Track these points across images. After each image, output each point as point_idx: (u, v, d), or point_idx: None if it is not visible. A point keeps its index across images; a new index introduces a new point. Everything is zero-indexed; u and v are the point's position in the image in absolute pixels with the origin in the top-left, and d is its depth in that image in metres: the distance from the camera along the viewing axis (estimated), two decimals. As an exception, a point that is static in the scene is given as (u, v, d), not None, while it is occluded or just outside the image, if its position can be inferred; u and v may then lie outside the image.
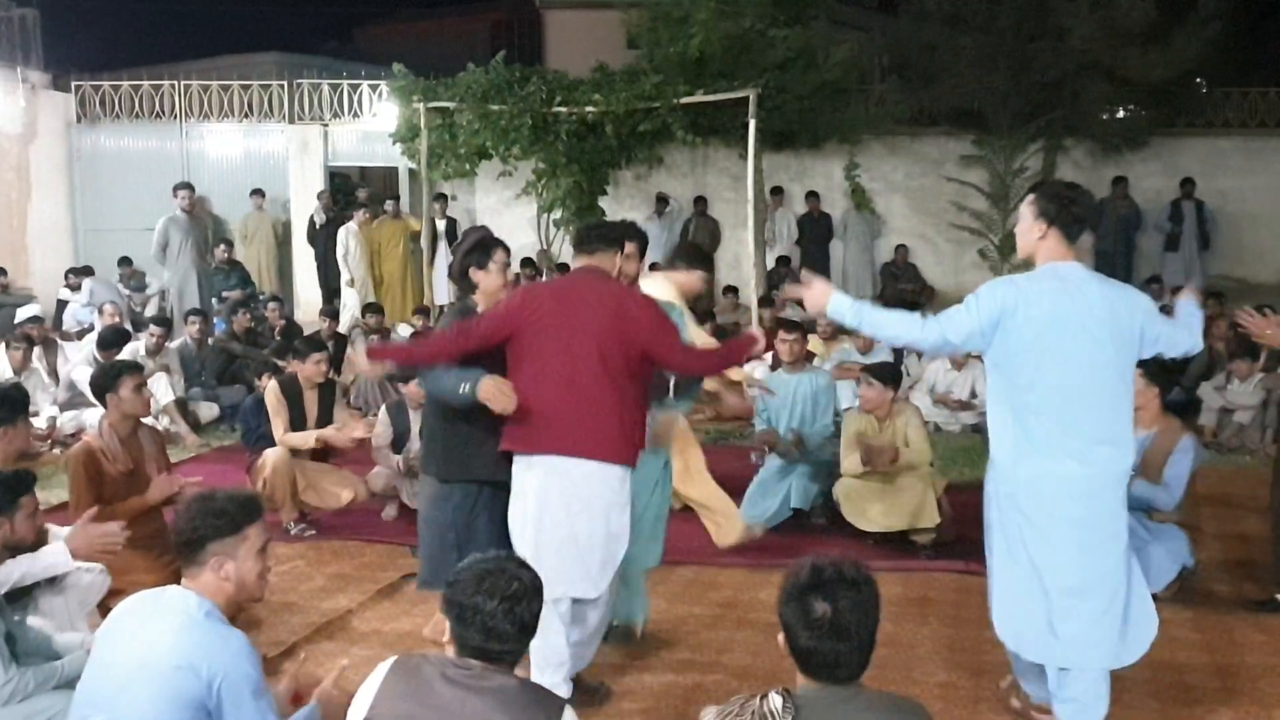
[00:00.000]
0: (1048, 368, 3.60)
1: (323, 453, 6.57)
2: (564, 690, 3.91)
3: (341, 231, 13.44)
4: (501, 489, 4.17)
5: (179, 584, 2.96)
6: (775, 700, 2.38)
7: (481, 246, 4.49)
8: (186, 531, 2.87)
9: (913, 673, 4.57)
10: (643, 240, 4.62)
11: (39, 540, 4.02)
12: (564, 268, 14.20)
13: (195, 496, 2.97)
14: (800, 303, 4.27)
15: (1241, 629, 5.04)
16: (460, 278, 4.54)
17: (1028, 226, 3.75)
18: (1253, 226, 14.21)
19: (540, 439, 3.98)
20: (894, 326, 3.84)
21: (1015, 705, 4.14)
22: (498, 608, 2.51)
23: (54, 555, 3.89)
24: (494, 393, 3.92)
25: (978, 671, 4.56)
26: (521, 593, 2.54)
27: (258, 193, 14.53)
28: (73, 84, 15.68)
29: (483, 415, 4.05)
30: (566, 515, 3.97)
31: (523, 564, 2.65)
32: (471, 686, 2.49)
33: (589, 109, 12.80)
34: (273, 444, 6.38)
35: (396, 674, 2.57)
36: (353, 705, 2.59)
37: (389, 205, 14.06)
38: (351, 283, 13.32)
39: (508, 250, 4.59)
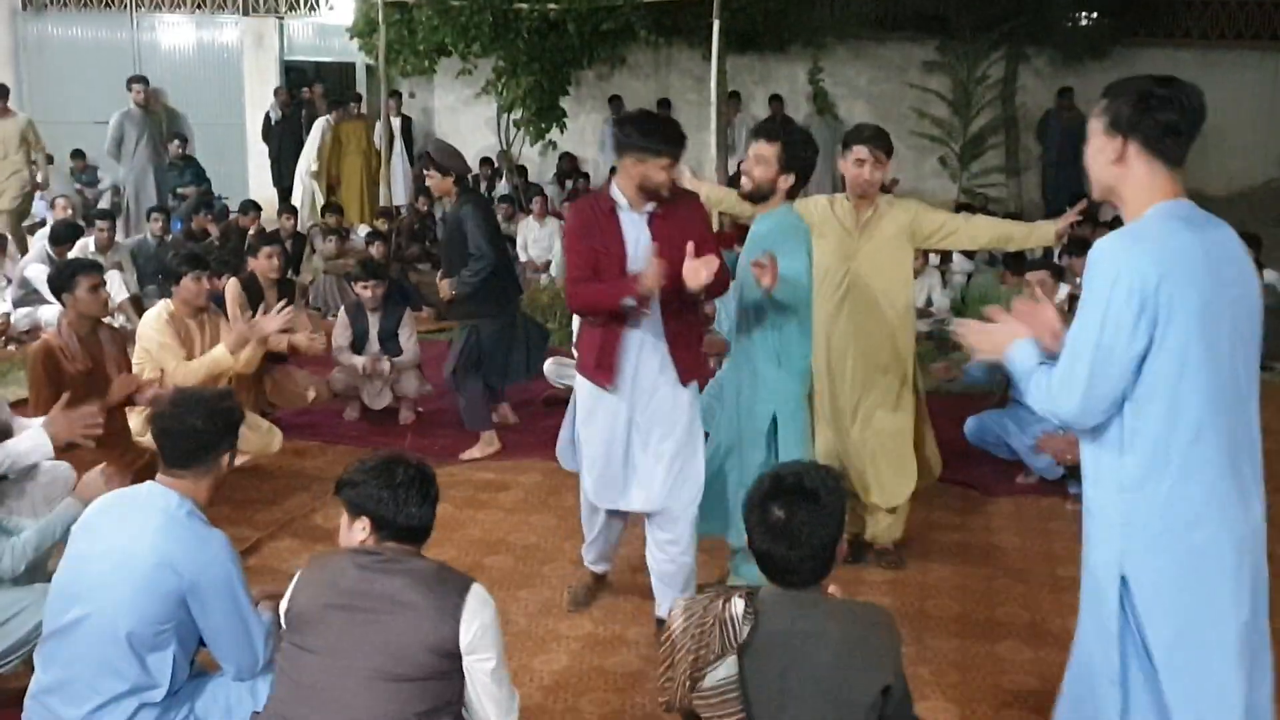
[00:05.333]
0: None
1: (281, 354, 6.57)
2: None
3: (320, 121, 13.14)
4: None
5: (148, 481, 3.02)
6: (737, 605, 2.46)
7: None
8: (206, 434, 2.96)
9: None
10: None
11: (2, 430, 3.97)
12: (523, 170, 14.09)
13: (191, 398, 3.02)
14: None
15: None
16: None
17: (1098, 146, 2.59)
18: (1209, 139, 14.25)
19: None
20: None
21: None
22: (411, 493, 2.70)
23: (33, 440, 3.83)
24: None
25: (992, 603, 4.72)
26: (419, 475, 2.75)
27: None
28: (17, -31, 15.18)
29: None
30: None
31: (403, 455, 2.83)
32: (383, 569, 2.65)
33: (551, 6, 12.56)
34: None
35: (310, 568, 2.76)
36: (281, 608, 2.78)
37: (352, 105, 13.77)
38: (316, 174, 13.10)
39: None
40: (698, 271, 3.68)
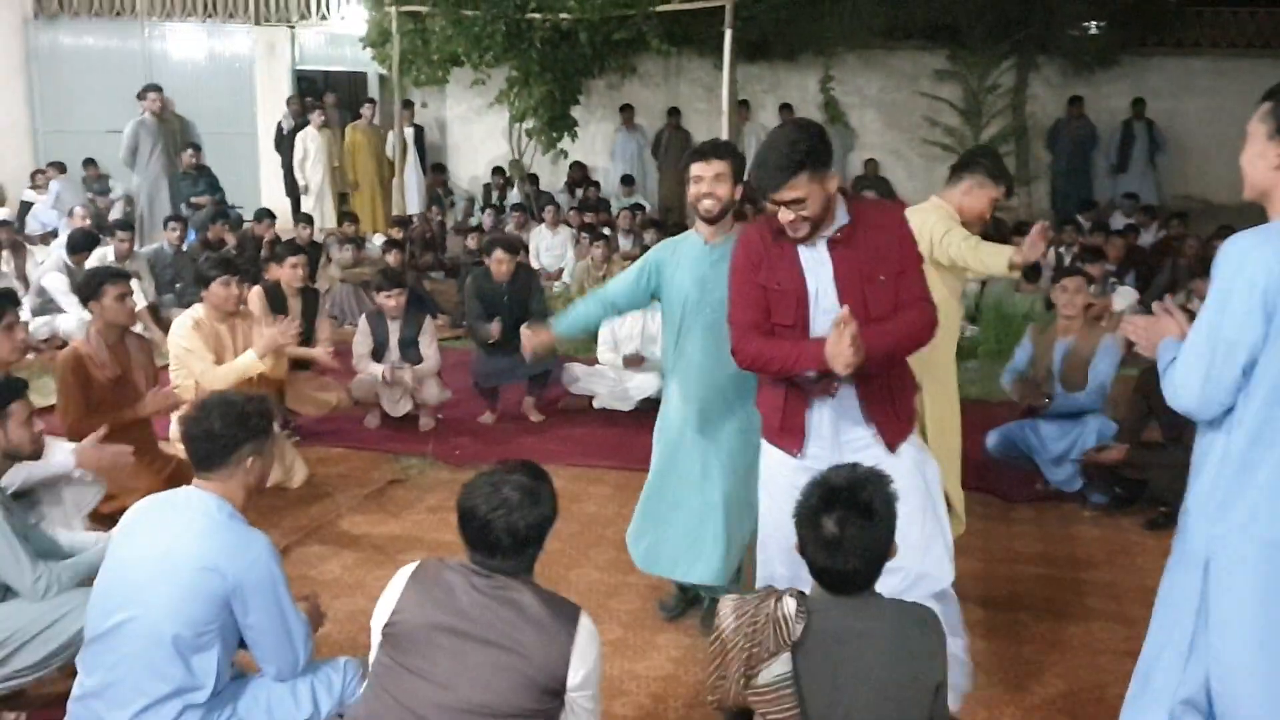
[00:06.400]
0: None
1: (303, 362, 6.62)
2: None
3: (300, 136, 13.24)
4: None
5: (181, 487, 3.04)
6: (789, 605, 2.48)
7: None
8: (224, 437, 2.93)
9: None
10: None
11: (38, 450, 4.00)
12: (534, 179, 14.14)
13: (213, 401, 3.02)
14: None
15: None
16: None
17: (1259, 150, 2.59)
18: (1219, 148, 14.24)
19: None
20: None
21: None
22: (492, 514, 2.53)
23: (58, 455, 3.87)
24: None
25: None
26: (516, 502, 2.54)
27: None
28: (29, -21, 15.26)
29: None
30: None
31: (537, 474, 2.64)
32: (496, 596, 2.53)
33: (564, 16, 12.63)
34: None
35: (419, 580, 2.60)
36: (376, 611, 2.63)
37: (365, 110, 13.85)
38: (305, 189, 13.17)
39: None
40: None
